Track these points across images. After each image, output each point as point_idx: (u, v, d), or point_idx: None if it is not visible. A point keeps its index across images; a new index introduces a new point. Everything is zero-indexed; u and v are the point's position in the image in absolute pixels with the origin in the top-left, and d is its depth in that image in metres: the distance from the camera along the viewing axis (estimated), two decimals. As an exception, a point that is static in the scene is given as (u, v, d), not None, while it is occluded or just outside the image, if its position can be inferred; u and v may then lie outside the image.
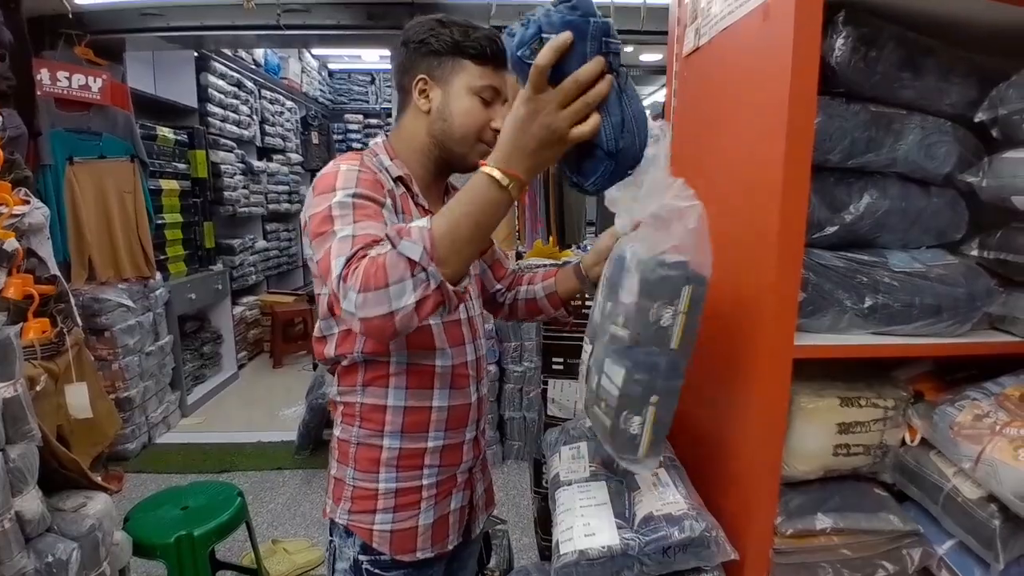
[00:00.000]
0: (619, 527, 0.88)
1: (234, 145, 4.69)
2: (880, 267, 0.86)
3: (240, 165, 4.74)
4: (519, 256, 4.12)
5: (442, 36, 0.94)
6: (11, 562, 1.16)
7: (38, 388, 1.37)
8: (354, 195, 0.83)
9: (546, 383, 1.39)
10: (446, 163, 1.00)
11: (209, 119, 4.30)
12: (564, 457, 1.11)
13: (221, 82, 4.46)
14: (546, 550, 1.47)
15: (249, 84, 4.97)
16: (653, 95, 6.40)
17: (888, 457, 0.92)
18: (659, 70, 4.68)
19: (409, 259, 0.68)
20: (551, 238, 3.00)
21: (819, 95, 0.73)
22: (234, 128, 4.68)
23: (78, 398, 1.50)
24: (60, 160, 2.90)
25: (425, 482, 1.00)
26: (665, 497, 0.88)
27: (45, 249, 1.59)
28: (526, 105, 0.65)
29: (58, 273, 1.62)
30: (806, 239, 0.77)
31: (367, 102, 7.27)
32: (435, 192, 1.05)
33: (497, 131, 0.93)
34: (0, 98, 1.48)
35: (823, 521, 0.85)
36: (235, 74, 4.71)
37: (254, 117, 5.10)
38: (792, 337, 0.79)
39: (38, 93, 2.27)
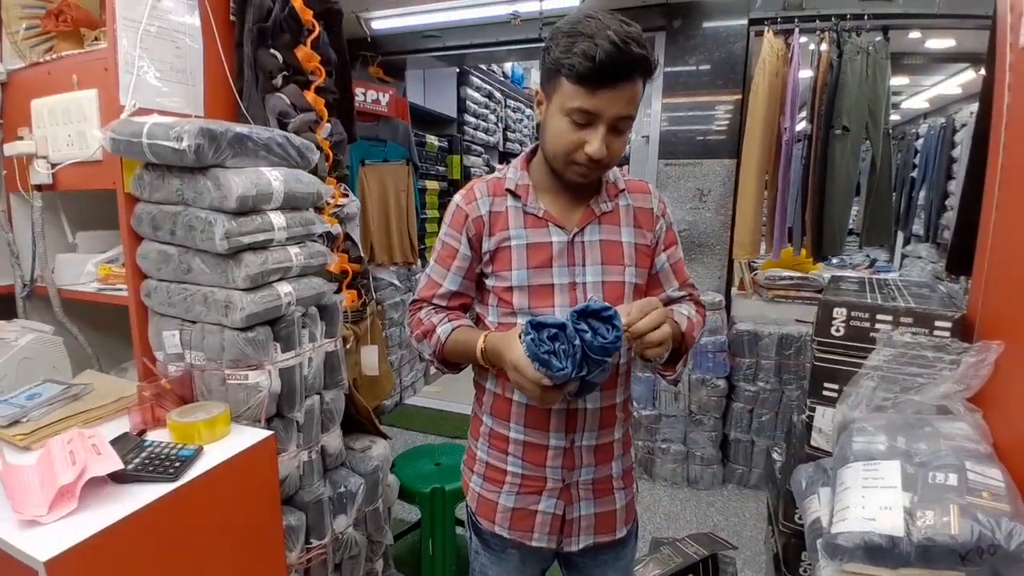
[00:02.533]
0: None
1: (482, 150, 5.20)
2: None
3: (485, 168, 5.24)
4: (751, 268, 3.80)
5: (552, 47, 0.87)
6: (311, 487, 1.41)
7: (347, 346, 1.68)
8: (443, 235, 1.05)
9: (813, 410, 1.24)
10: (559, 175, 0.97)
11: (464, 127, 4.84)
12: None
13: (476, 94, 4.98)
14: (790, 592, 1.32)
15: (497, 95, 5.45)
16: (937, 86, 5.35)
17: None
18: (949, 57, 3.90)
19: (420, 351, 1.08)
20: (803, 249, 2.69)
21: None
22: (483, 135, 5.19)
23: (370, 358, 1.82)
24: (355, 163, 3.53)
25: (510, 468, 1.05)
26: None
27: (356, 234, 1.94)
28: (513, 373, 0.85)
29: (363, 255, 1.96)
30: None
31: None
32: (565, 199, 1.00)
33: (589, 156, 0.88)
34: (327, 109, 1.78)
35: None
36: (487, 86, 5.21)
37: (499, 124, 5.58)
38: None
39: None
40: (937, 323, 1.14)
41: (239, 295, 1.18)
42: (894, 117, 7.44)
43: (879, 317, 1.17)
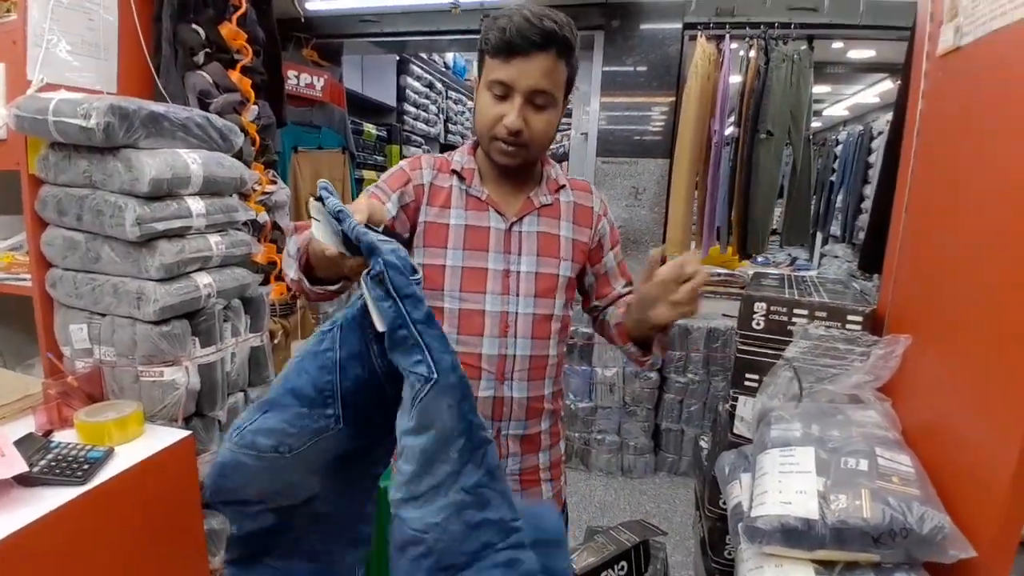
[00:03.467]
0: (817, 572, 0.82)
1: (422, 141, 5.11)
2: None
3: (425, 159, 5.15)
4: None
5: (481, 32, 0.92)
6: None
7: (275, 341, 1.60)
8: (373, 188, 0.97)
9: (736, 400, 1.30)
10: (490, 157, 0.98)
11: (404, 117, 4.73)
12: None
13: (417, 83, 4.88)
14: (715, 572, 1.38)
15: (439, 85, 5.37)
16: (856, 95, 5.75)
17: None
18: (869, 67, 4.21)
19: (286, 273, 0.84)
20: (730, 247, 2.82)
21: None
22: (423, 126, 5.10)
23: (301, 353, 1.76)
24: (287, 149, 3.38)
25: None
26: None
27: (285, 223, 1.86)
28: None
29: (294, 245, 1.89)
30: None
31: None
32: (506, 187, 1.01)
33: (508, 128, 0.90)
34: (255, 90, 1.70)
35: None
36: (428, 76, 5.12)
37: (440, 115, 5.50)
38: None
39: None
40: (849, 317, 1.21)
41: (152, 286, 1.10)
42: (816, 124, 7.91)
43: (796, 311, 1.24)
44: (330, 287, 0.79)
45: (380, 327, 0.62)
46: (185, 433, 1.11)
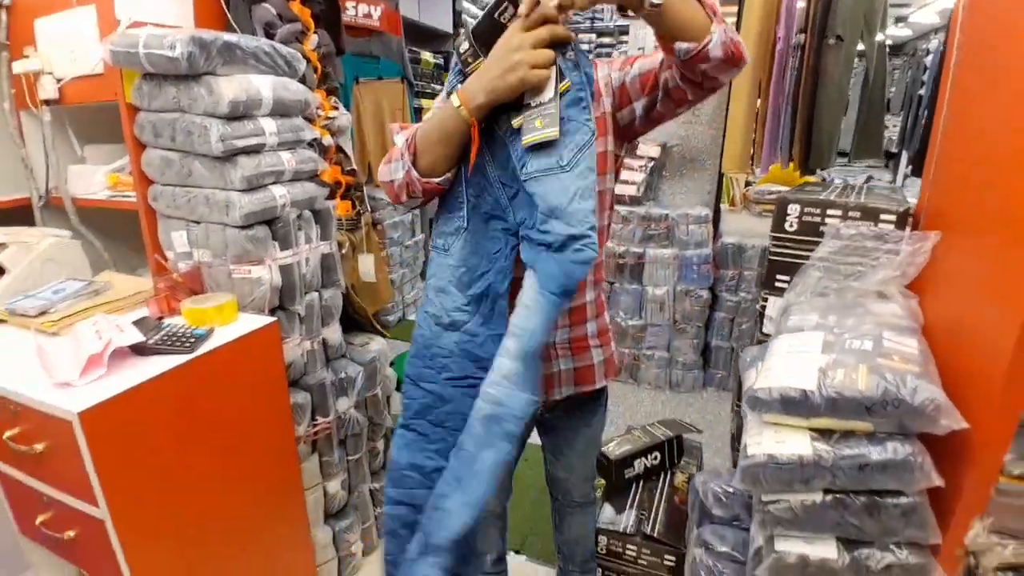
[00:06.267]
0: (814, 439, 0.89)
1: (479, 67, 5.08)
2: None
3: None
4: (747, 184, 3.81)
5: None
6: (314, 372, 1.58)
7: (343, 251, 1.79)
8: None
9: (766, 300, 1.36)
10: None
11: (461, 43, 4.71)
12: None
13: (473, 7, 4.81)
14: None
15: (496, 7, 5.26)
16: None
17: None
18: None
19: (396, 144, 0.98)
20: (792, 162, 2.73)
21: None
22: (480, 51, 5.05)
23: (366, 266, 1.95)
24: (349, 80, 3.49)
25: None
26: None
27: (348, 147, 2.01)
28: (514, 36, 0.82)
29: (356, 168, 2.04)
30: None
31: (601, 20, 7.16)
32: None
33: None
34: (314, 20, 1.79)
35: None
36: (485, -2, 5.02)
37: (497, 40, 5.41)
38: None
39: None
40: (882, 216, 1.22)
41: (237, 195, 1.28)
42: (903, 32, 7.10)
43: (829, 212, 1.26)
44: (436, 179, 0.94)
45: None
46: (271, 319, 1.32)
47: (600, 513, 1.58)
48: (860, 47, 2.56)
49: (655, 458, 1.71)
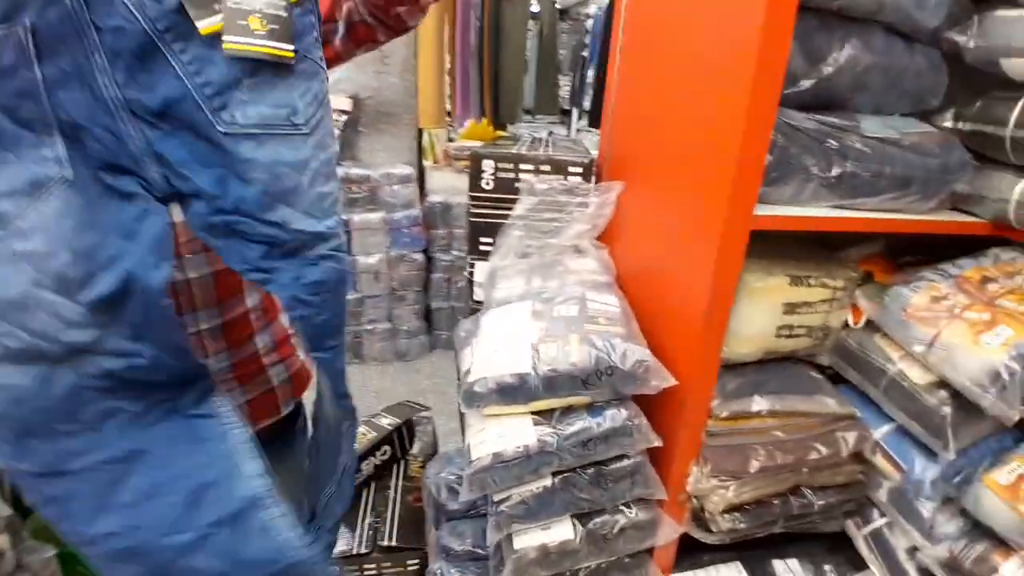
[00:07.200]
0: (536, 423, 0.82)
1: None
2: (852, 132, 0.76)
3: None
4: (450, 140, 3.80)
5: None
6: None
7: None
8: None
9: (472, 266, 1.26)
10: None
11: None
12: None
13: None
14: (470, 437, 1.41)
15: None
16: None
17: (828, 340, 0.88)
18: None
19: None
20: (484, 119, 2.75)
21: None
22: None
23: None
24: None
25: None
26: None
27: None
28: None
29: None
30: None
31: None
32: None
33: None
34: None
35: (759, 403, 0.81)
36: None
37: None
38: (752, 206, 0.69)
39: None
40: (570, 169, 1.21)
41: None
42: (568, -3, 8.10)
43: (522, 167, 1.20)
44: None
45: None
46: None
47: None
48: (535, 8, 2.67)
49: (384, 453, 1.53)
